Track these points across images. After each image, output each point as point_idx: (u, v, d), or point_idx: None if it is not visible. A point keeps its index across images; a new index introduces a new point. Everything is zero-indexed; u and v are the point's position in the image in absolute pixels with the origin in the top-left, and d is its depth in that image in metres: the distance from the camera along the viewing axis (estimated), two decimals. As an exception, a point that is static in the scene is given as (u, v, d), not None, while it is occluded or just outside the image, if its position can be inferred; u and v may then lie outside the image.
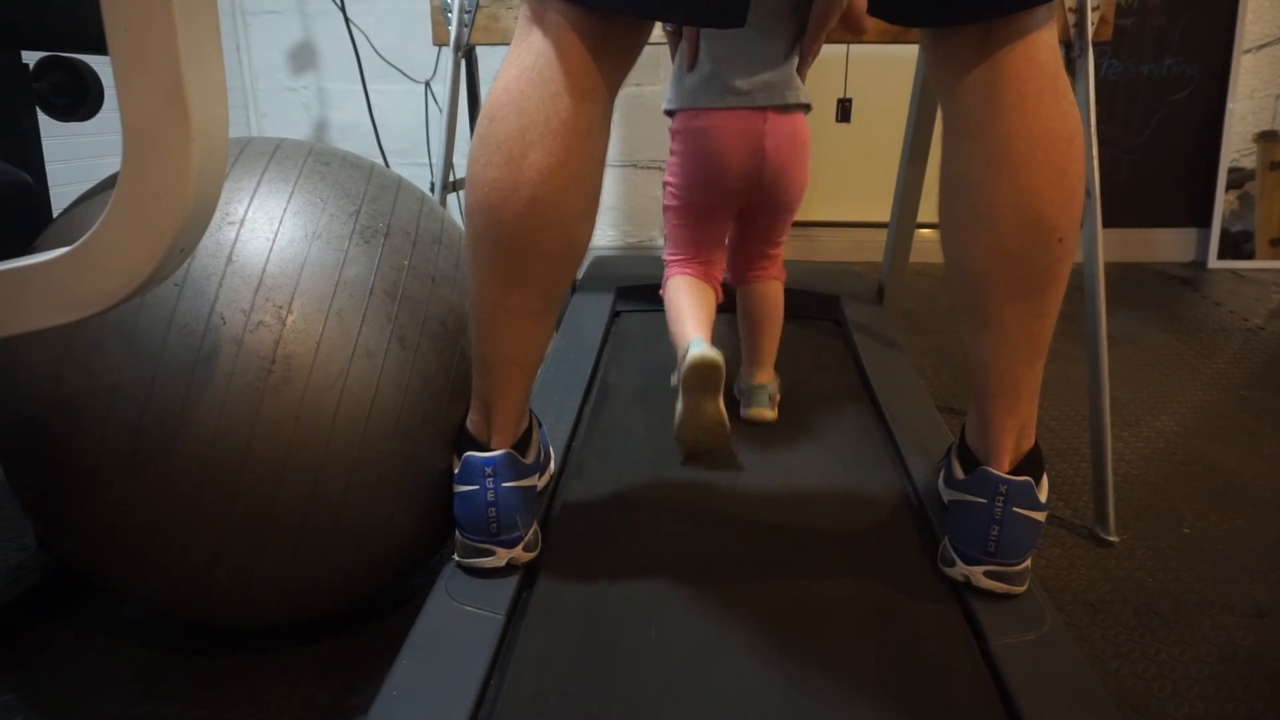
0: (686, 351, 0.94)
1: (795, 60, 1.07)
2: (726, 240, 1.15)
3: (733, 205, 1.11)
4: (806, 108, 1.08)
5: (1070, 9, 1.19)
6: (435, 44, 1.42)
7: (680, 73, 1.09)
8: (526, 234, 0.73)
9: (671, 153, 1.11)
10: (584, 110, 0.72)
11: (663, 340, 1.06)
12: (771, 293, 1.17)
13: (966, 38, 0.70)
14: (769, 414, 1.15)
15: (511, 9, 1.36)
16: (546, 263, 0.76)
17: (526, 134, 0.71)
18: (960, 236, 0.75)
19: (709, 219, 1.11)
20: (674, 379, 0.99)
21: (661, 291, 1.12)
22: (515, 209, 0.72)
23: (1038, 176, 0.70)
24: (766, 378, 1.17)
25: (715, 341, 0.98)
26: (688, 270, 1.12)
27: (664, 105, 1.12)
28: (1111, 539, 1.15)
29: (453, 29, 1.35)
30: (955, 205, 0.75)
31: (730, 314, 1.22)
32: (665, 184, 1.13)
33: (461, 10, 1.34)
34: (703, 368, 0.93)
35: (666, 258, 1.14)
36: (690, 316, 1.04)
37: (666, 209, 1.13)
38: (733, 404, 1.18)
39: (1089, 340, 1.17)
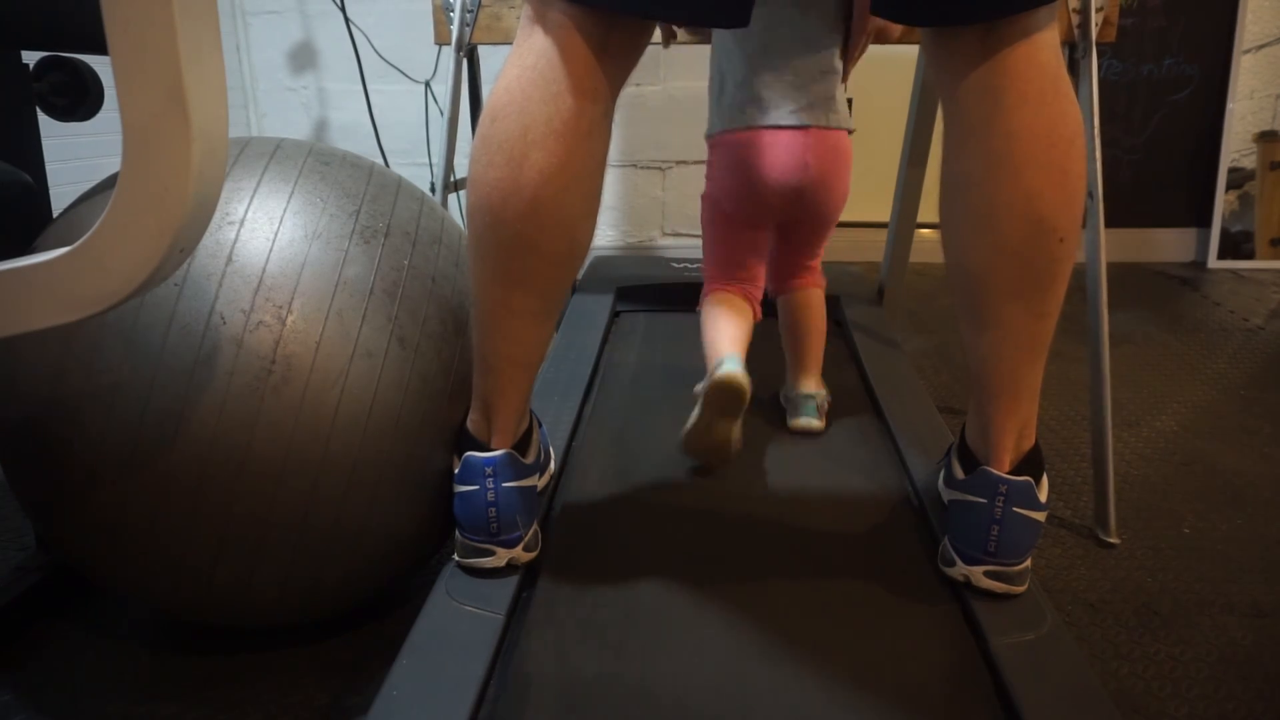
0: (719, 365, 0.92)
1: (839, 76, 1.05)
2: (763, 258, 1.12)
3: (773, 218, 1.08)
4: (849, 131, 1.06)
5: (1074, 10, 1.18)
6: (437, 43, 1.41)
7: (718, 94, 1.07)
8: (528, 234, 0.73)
9: (710, 165, 1.09)
10: (586, 110, 0.72)
11: (663, 340, 1.05)
12: (814, 300, 1.15)
13: (968, 37, 0.70)
14: (816, 424, 1.12)
15: (514, 8, 1.36)
16: (547, 263, 0.76)
17: (528, 134, 0.71)
18: (961, 236, 0.75)
19: (749, 233, 1.08)
20: (698, 387, 0.96)
21: (699, 307, 1.10)
22: (516, 209, 0.72)
23: (1039, 177, 0.70)
24: (814, 385, 1.14)
25: (753, 354, 0.97)
26: (728, 288, 1.09)
27: (707, 131, 1.09)
28: (1112, 541, 1.15)
29: (455, 28, 1.35)
30: (956, 205, 0.75)
31: (769, 318, 1.18)
32: (703, 198, 1.10)
33: (464, 10, 1.34)
34: (729, 388, 0.91)
35: (705, 271, 1.12)
36: (726, 331, 1.02)
37: (704, 224, 1.11)
38: (779, 412, 1.17)
39: (1091, 341, 1.17)
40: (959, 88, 0.72)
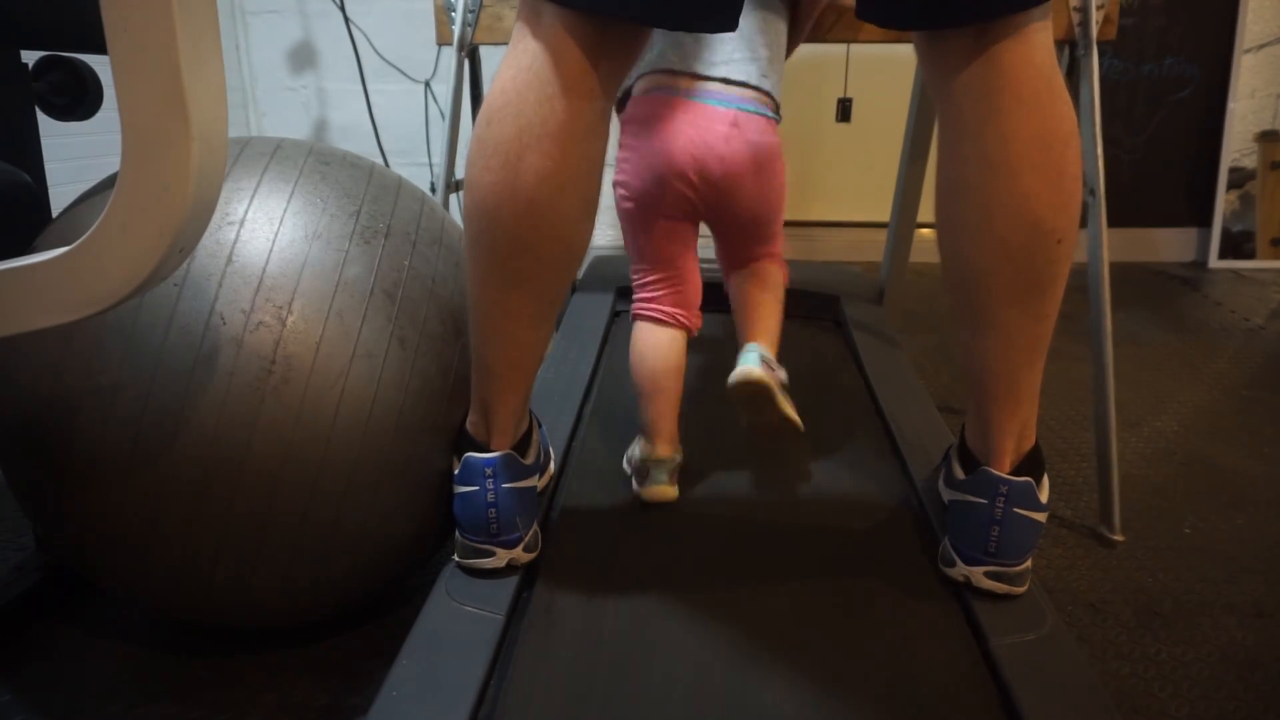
0: (647, 475, 0.93)
1: (782, 45, 0.97)
2: (690, 252, 1.01)
3: (687, 208, 0.95)
4: (777, 119, 0.96)
5: (1074, 8, 1.18)
6: (439, 43, 1.41)
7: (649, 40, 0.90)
8: (524, 237, 0.73)
9: (621, 145, 0.97)
10: (582, 112, 0.72)
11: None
12: (767, 281, 1.03)
13: (961, 38, 0.70)
14: (756, 371, 0.91)
15: (515, 8, 1.35)
16: (545, 266, 0.75)
17: (523, 136, 0.71)
18: (958, 239, 0.75)
19: (665, 222, 0.97)
20: (631, 455, 0.96)
21: (631, 318, 1.00)
22: (513, 212, 0.72)
23: (1035, 179, 0.70)
24: (766, 343, 0.98)
25: (704, 342, 0.91)
26: (653, 309, 0.98)
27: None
28: (1117, 538, 1.15)
29: (456, 28, 1.35)
30: (952, 208, 0.75)
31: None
32: (615, 185, 0.98)
33: (465, 9, 1.34)
34: (654, 506, 0.92)
35: (633, 283, 1.01)
36: (651, 404, 0.94)
37: (620, 215, 0.99)
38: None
39: (1094, 342, 1.17)
40: (952, 90, 0.72)
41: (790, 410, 0.93)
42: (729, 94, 0.93)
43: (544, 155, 0.71)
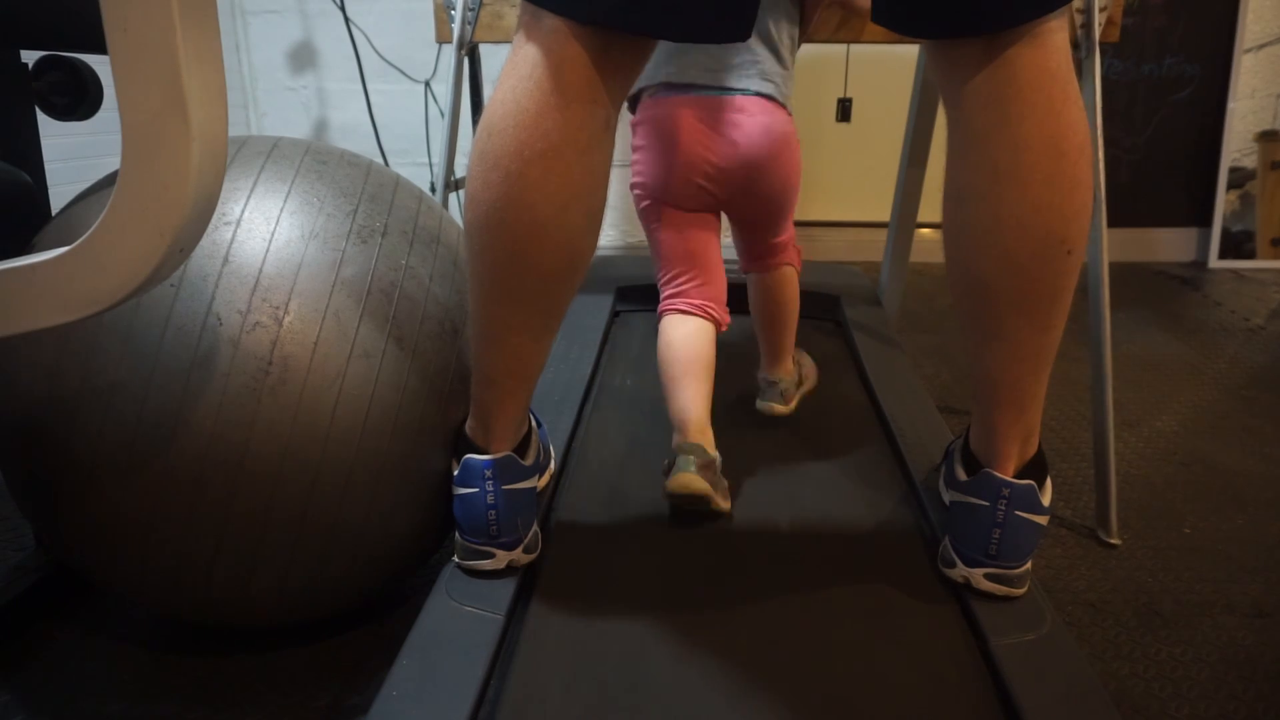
0: (672, 466, 0.88)
1: (791, 46, 0.98)
2: (715, 247, 1.04)
3: (708, 201, 0.99)
4: (786, 107, 0.97)
5: (1078, 9, 1.17)
6: (438, 41, 1.41)
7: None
8: (527, 254, 0.71)
9: (634, 148, 0.99)
10: (585, 123, 0.69)
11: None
12: (783, 281, 1.09)
13: (973, 43, 0.68)
14: (780, 408, 1.13)
15: (515, 6, 1.35)
16: (548, 281, 0.73)
17: (524, 150, 0.68)
18: (965, 248, 0.73)
19: (686, 218, 0.99)
20: (665, 464, 0.91)
21: (658, 319, 1.01)
22: (514, 229, 0.70)
23: (1046, 190, 0.68)
24: (782, 372, 1.13)
25: (730, 339, 0.92)
26: (679, 304, 0.99)
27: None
28: (1114, 542, 1.14)
29: (456, 27, 1.35)
30: (959, 216, 0.73)
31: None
32: (632, 187, 1.01)
33: (465, 8, 1.33)
34: (682, 500, 0.87)
35: (659, 280, 1.03)
36: (683, 389, 0.93)
37: (640, 216, 1.02)
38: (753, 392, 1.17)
39: (1093, 346, 1.16)
40: (963, 95, 0.69)
41: (722, 503, 0.91)
42: (732, 82, 0.94)
43: (547, 169, 0.69)
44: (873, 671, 0.70)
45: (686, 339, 0.97)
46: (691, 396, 0.93)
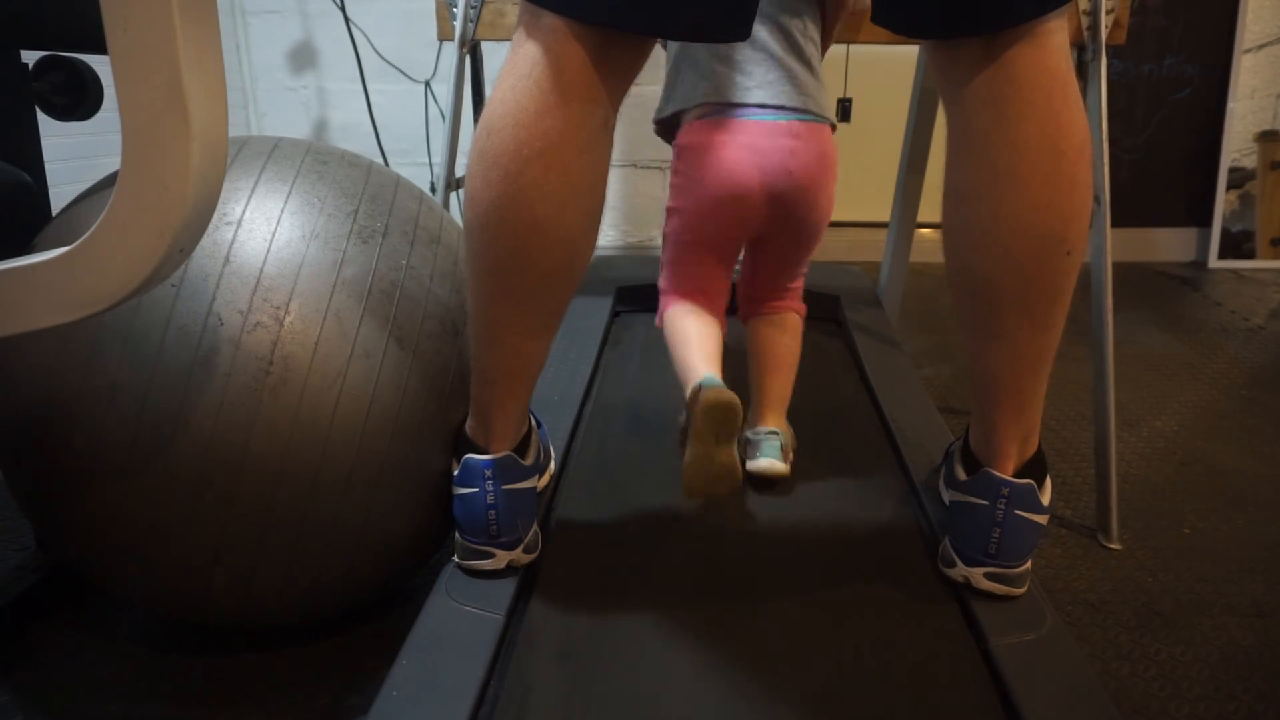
0: (699, 390, 0.82)
1: (817, 50, 0.96)
2: (730, 275, 1.02)
3: (748, 235, 0.98)
4: (833, 126, 0.96)
5: (1084, 11, 1.16)
6: (440, 39, 1.41)
7: (677, 70, 0.96)
8: (526, 253, 0.71)
9: (675, 172, 0.96)
10: (584, 123, 0.69)
11: (663, 341, 1.03)
12: (789, 327, 1.04)
13: (973, 43, 0.68)
14: (780, 466, 0.96)
15: (517, 4, 1.35)
16: (547, 281, 0.74)
17: (523, 149, 0.68)
18: (964, 249, 0.73)
19: (719, 251, 0.98)
20: (681, 418, 0.87)
21: (658, 322, 1.00)
22: (514, 228, 0.70)
23: (1045, 190, 0.68)
24: (778, 423, 1.00)
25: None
26: (689, 300, 0.99)
27: (655, 114, 0.98)
28: (1114, 546, 1.14)
29: (457, 24, 1.34)
30: (958, 216, 0.73)
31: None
32: (669, 210, 0.99)
33: (466, 5, 1.33)
34: (718, 410, 0.80)
35: (663, 287, 1.01)
36: (698, 346, 0.93)
37: (669, 238, 1.00)
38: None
39: (1095, 346, 1.16)
40: (963, 95, 0.69)
41: (736, 460, 0.84)
42: (783, 109, 0.92)
43: (546, 168, 0.69)
44: (873, 671, 0.70)
45: (696, 313, 0.97)
46: (704, 351, 0.92)
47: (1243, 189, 2.61)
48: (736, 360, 1.03)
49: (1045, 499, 0.78)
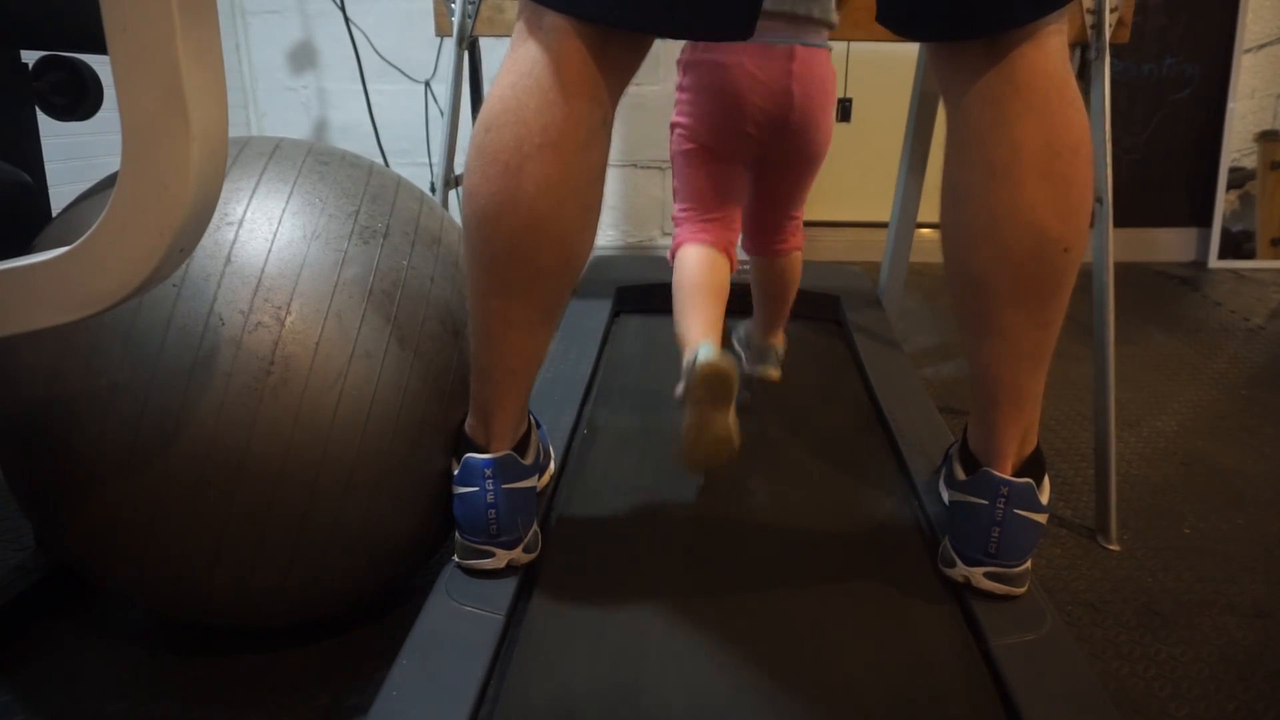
0: (695, 358, 0.84)
1: None
2: (741, 197, 1.06)
3: (751, 151, 1.01)
4: (831, 26, 0.98)
5: (1088, 10, 1.16)
6: (438, 35, 1.40)
7: None
8: (524, 248, 0.72)
9: (680, 88, 1.01)
10: (583, 119, 0.70)
11: (663, 341, 1.04)
12: (793, 265, 1.13)
13: (973, 44, 0.68)
14: (774, 373, 1.20)
15: (516, 1, 1.35)
16: (545, 276, 0.74)
17: (523, 145, 0.69)
18: (962, 246, 0.74)
19: (725, 166, 1.01)
20: (678, 389, 0.88)
21: (670, 257, 1.03)
22: (512, 223, 0.71)
23: (1043, 188, 0.68)
24: (777, 340, 1.20)
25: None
26: (701, 235, 1.01)
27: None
28: (1113, 547, 1.14)
29: (456, 20, 1.34)
30: (957, 214, 0.73)
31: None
32: (673, 125, 1.02)
33: (465, 1, 1.33)
34: (713, 378, 0.83)
35: (676, 214, 1.05)
36: (700, 309, 0.95)
37: (675, 155, 1.03)
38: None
39: (1096, 347, 1.16)
40: (962, 94, 0.70)
41: (732, 429, 0.88)
42: (786, 30, 0.94)
43: (545, 164, 0.69)
44: (873, 671, 0.70)
45: (700, 263, 1.00)
46: (704, 317, 0.95)
47: (1243, 189, 2.61)
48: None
49: (1044, 498, 0.78)
